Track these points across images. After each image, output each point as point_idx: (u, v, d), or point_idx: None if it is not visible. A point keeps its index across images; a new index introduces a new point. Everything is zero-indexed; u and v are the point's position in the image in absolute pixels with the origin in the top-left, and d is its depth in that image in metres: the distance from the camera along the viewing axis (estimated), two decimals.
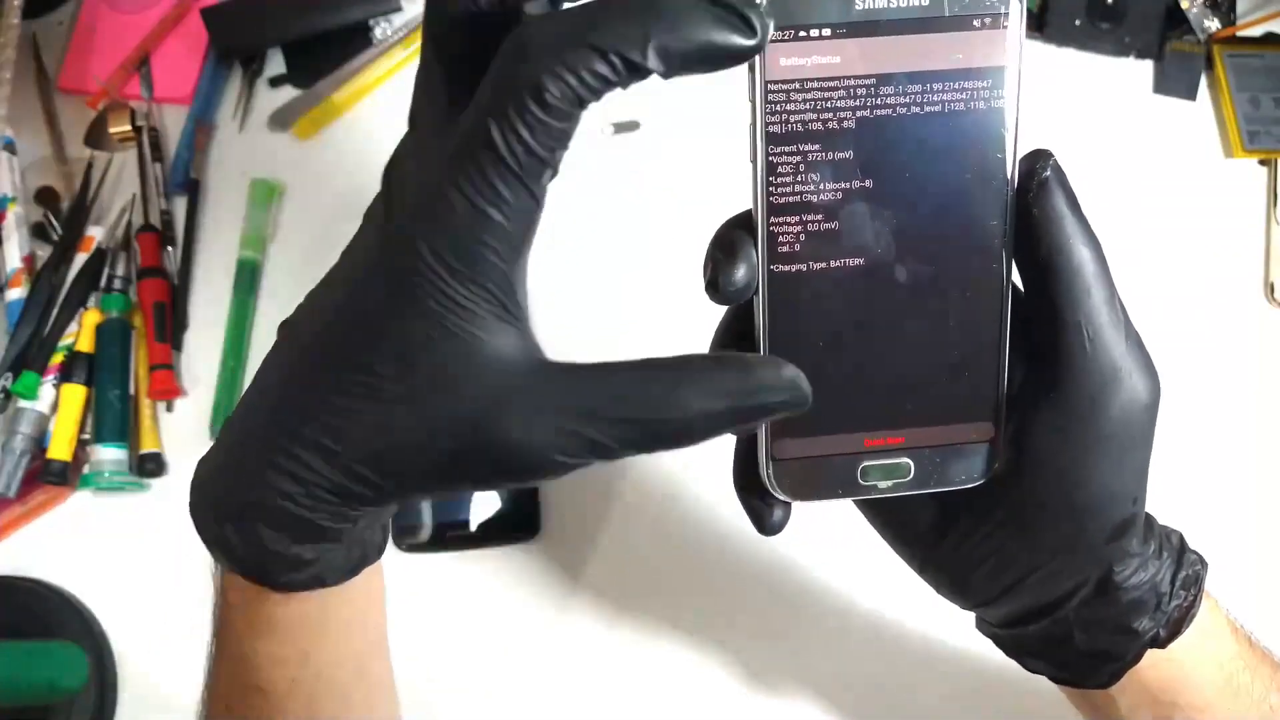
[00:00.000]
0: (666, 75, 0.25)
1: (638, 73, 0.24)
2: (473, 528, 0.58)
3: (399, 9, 0.70)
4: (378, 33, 0.69)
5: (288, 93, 0.69)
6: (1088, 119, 0.68)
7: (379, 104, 0.68)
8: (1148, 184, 0.67)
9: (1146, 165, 0.68)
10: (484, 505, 0.58)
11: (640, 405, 0.26)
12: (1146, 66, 0.70)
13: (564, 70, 0.24)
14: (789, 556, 0.58)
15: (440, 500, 0.57)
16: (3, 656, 0.53)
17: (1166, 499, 0.58)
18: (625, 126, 0.67)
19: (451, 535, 0.58)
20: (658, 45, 0.24)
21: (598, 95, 0.24)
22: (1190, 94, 0.69)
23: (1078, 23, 0.69)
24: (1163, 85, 0.69)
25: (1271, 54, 0.69)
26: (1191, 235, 0.66)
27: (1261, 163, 0.68)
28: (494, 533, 0.58)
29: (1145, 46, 0.69)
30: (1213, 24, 0.69)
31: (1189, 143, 0.68)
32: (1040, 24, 0.69)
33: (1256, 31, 0.70)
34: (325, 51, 0.69)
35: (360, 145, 0.67)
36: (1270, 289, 0.65)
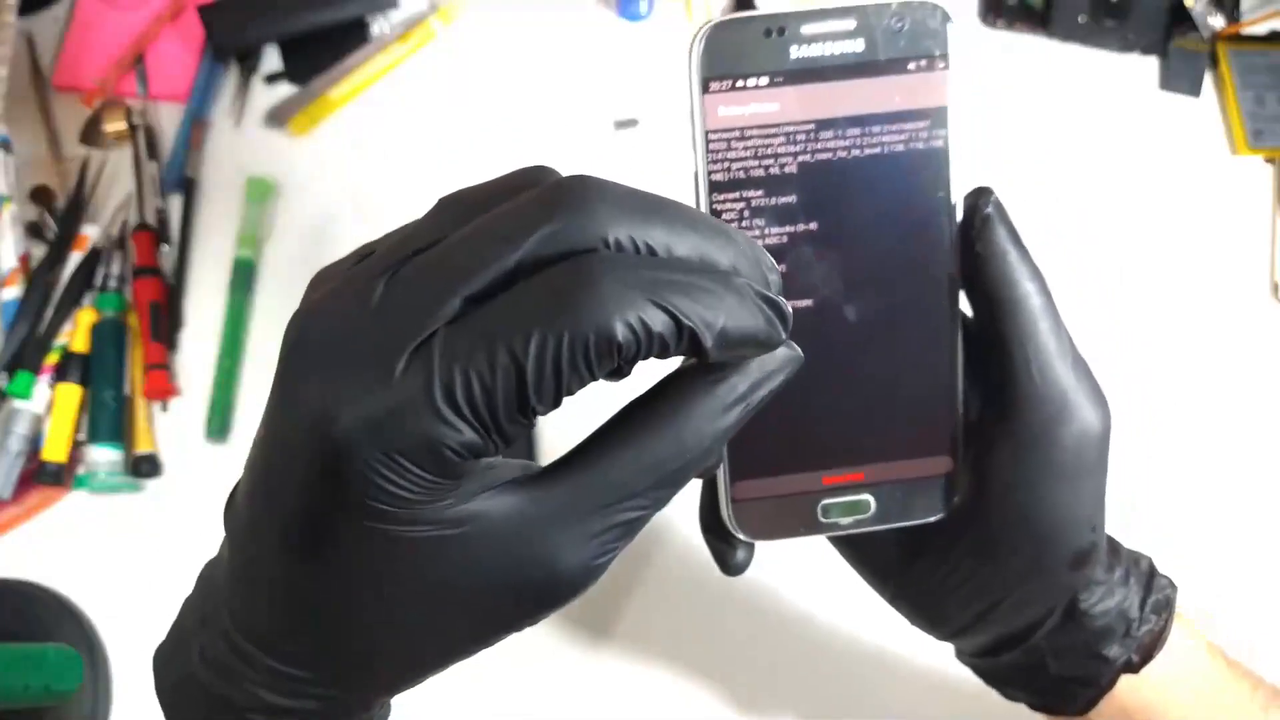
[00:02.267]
0: (705, 359, 0.22)
1: (692, 351, 0.22)
2: None
3: (395, 5, 0.69)
4: (375, 29, 0.69)
5: (284, 90, 0.69)
6: (1093, 115, 0.68)
7: (375, 101, 0.68)
8: (1153, 181, 0.67)
9: (1152, 162, 0.67)
10: None
11: (662, 461, 0.24)
12: (1151, 63, 0.69)
13: (634, 322, 0.21)
14: (774, 583, 0.57)
15: None
16: None
17: (1170, 499, 0.58)
18: (625, 123, 0.67)
19: None
20: (720, 329, 0.22)
21: (632, 363, 0.22)
22: (1195, 91, 0.69)
23: (1082, 19, 0.69)
24: (1168, 82, 0.69)
25: (1276, 51, 0.69)
26: (1197, 233, 0.65)
27: (1267, 160, 0.67)
28: None
29: (1149, 44, 0.69)
30: (1217, 21, 0.69)
31: (1194, 140, 0.68)
32: (1044, 20, 0.69)
33: (1261, 29, 0.69)
34: (322, 48, 0.69)
35: (357, 142, 0.67)
36: (1275, 287, 0.64)
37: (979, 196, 0.30)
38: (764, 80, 0.28)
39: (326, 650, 0.25)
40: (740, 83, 0.28)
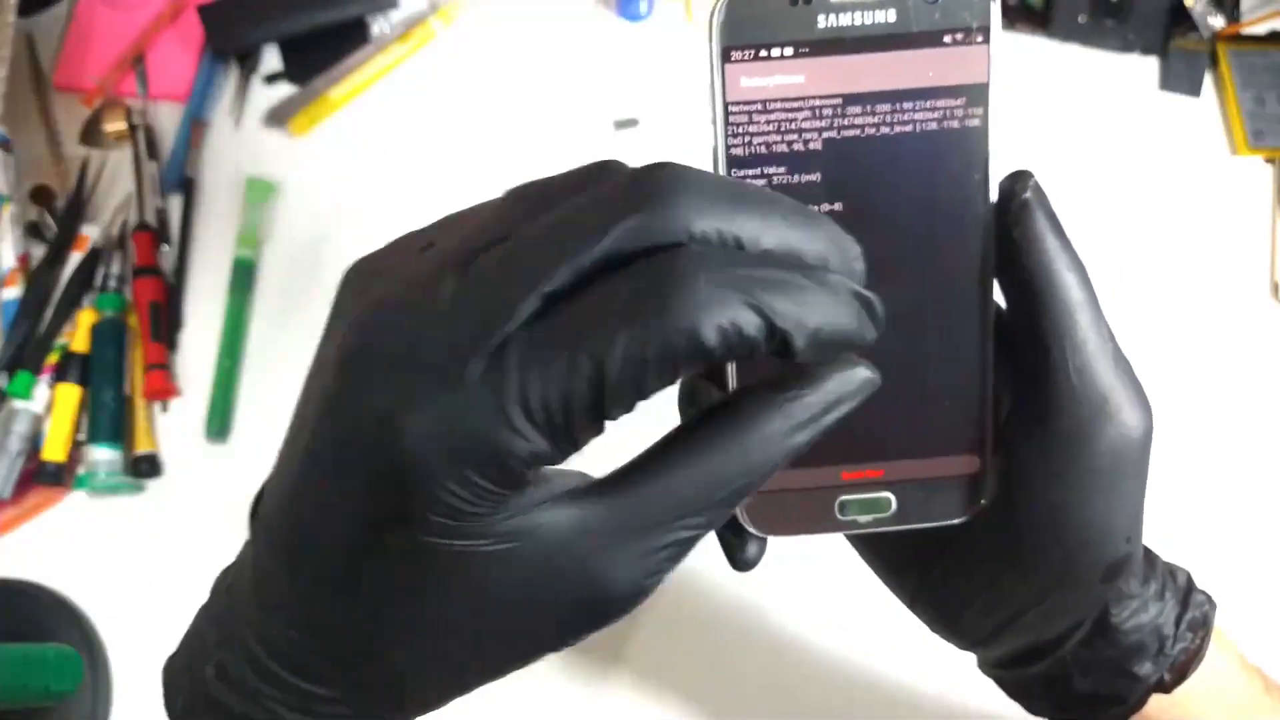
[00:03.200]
0: (792, 359, 0.21)
1: (780, 352, 0.21)
2: None
3: (395, 5, 0.69)
4: (375, 29, 0.69)
5: (284, 90, 0.69)
6: (1092, 115, 0.68)
7: (375, 100, 0.68)
8: (1153, 181, 0.67)
9: (1152, 162, 0.67)
10: None
11: (726, 478, 0.22)
12: (1151, 63, 0.69)
13: (726, 325, 0.20)
14: (774, 588, 0.57)
15: None
16: None
17: (1169, 499, 0.58)
18: (625, 123, 0.67)
19: None
20: (813, 330, 0.20)
21: (716, 365, 0.21)
22: (1195, 91, 0.69)
23: (1082, 19, 0.69)
24: (1168, 82, 0.69)
25: (1276, 51, 0.69)
26: (1197, 233, 0.65)
27: (1268, 160, 0.67)
28: None
29: (1149, 44, 0.69)
30: (1217, 21, 0.68)
31: (1194, 140, 0.68)
32: (1044, 20, 0.69)
33: (1261, 29, 0.69)
34: (322, 48, 0.69)
35: (356, 142, 0.67)
36: (1275, 287, 0.64)
37: (1016, 180, 0.28)
38: (789, 50, 0.27)
39: (357, 669, 0.24)
40: (764, 52, 0.27)
